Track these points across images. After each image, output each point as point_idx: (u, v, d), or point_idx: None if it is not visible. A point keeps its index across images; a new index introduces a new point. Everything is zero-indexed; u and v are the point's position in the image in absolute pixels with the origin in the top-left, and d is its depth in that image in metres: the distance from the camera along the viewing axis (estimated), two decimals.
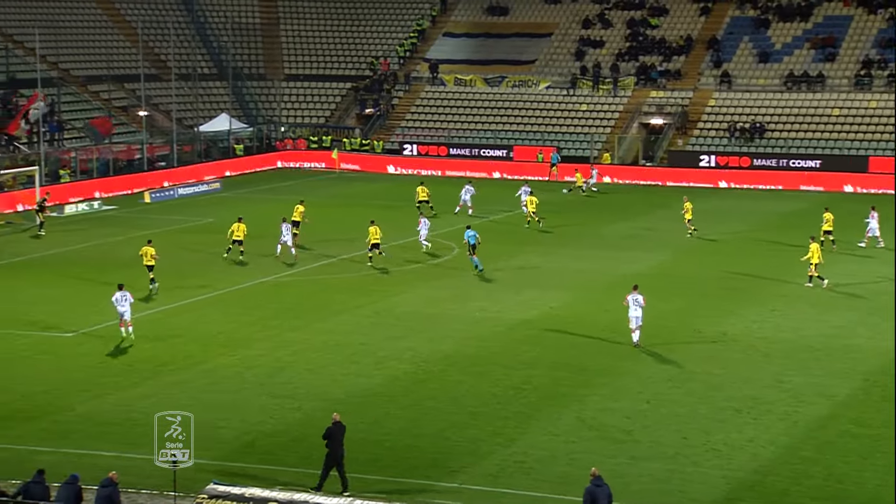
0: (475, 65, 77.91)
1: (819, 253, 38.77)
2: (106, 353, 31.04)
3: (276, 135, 75.38)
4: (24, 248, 45.38)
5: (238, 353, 31.32)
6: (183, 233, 47.87)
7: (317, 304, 36.92)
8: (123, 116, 70.89)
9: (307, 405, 26.07)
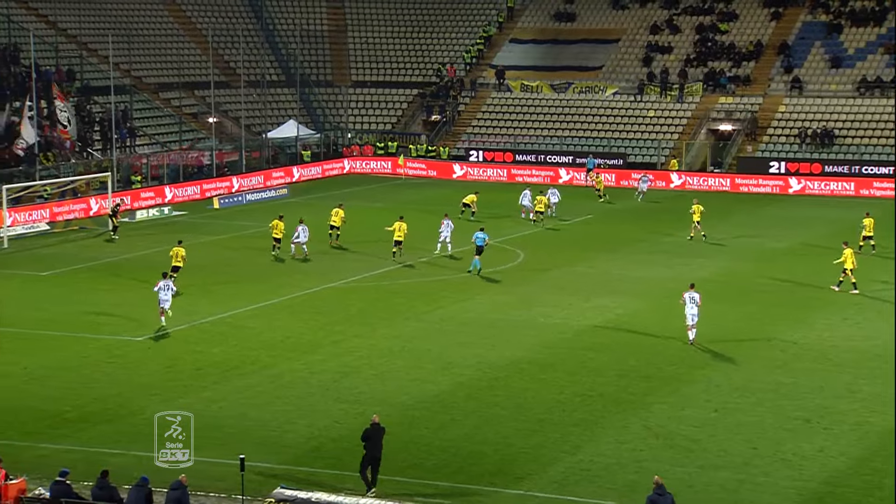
0: (542, 71, 77.75)
1: (853, 258, 38.62)
2: (175, 357, 31.38)
3: (342, 141, 75.84)
4: (97, 252, 46.09)
5: (304, 358, 31.51)
6: (251, 238, 48.32)
7: (383, 310, 37.03)
8: (193, 123, 71.81)
9: (373, 410, 26.11)
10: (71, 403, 27.18)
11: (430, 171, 70.90)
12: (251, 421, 26.32)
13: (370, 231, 49.14)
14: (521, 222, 53.03)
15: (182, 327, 34.44)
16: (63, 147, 59.18)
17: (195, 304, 37.39)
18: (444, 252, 44.84)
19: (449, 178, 69.61)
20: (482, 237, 42.28)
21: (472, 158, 71.91)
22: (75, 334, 33.54)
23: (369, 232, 49.11)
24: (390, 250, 45.41)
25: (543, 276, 42.34)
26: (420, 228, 48.65)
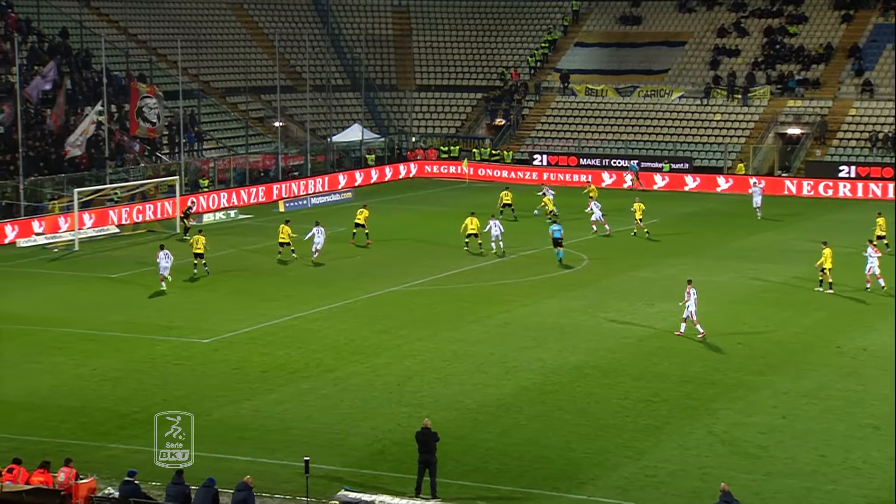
0: (607, 75, 77.38)
1: (831, 259, 38.72)
2: (241, 360, 31.74)
3: (407, 145, 76.12)
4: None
5: (368, 361, 31.68)
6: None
7: (446, 314, 37.11)
8: (260, 127, 72.55)
9: (436, 414, 26.20)
10: (140, 404, 27.61)
11: (495, 172, 70.87)
12: (316, 423, 26.54)
13: (433, 235, 49.25)
14: (585, 226, 52.80)
15: (248, 330, 34.81)
16: (132, 151, 60.08)
17: (261, 307, 37.78)
18: (499, 252, 45.10)
19: (512, 182, 69.49)
20: (559, 229, 44.05)
21: (536, 162, 71.78)
22: (144, 336, 34.06)
23: (433, 236, 49.22)
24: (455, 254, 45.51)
25: (608, 280, 42.14)
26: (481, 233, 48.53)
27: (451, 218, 52.96)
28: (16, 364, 30.88)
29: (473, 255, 44.89)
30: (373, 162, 72.06)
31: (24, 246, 48.21)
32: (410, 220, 49.83)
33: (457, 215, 52.46)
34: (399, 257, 46.29)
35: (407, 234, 50.71)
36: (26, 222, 49.86)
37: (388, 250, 47.31)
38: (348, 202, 62.22)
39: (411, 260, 45.94)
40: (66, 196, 52.01)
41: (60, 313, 36.95)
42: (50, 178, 54.00)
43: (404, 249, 48.24)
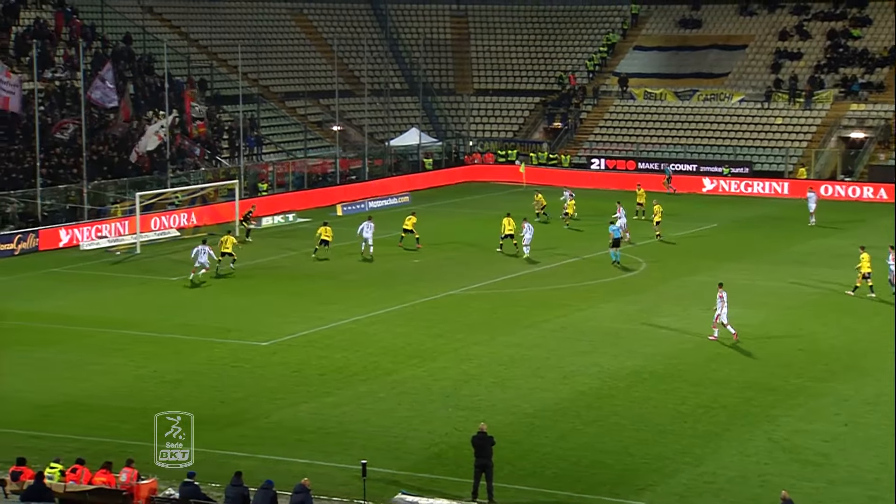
0: (666, 78, 76.86)
1: (868, 263, 38.17)
2: (300, 362, 31.94)
3: (464, 149, 76.18)
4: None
5: (425, 364, 31.74)
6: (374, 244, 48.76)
7: (503, 318, 37.07)
8: (318, 131, 73.00)
9: (493, 418, 26.17)
10: (199, 406, 27.85)
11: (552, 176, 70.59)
12: (373, 426, 26.63)
13: (490, 239, 49.23)
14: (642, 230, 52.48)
15: (306, 333, 35.03)
16: (193, 155, 60.74)
17: (319, 310, 38.01)
18: (523, 256, 45.16)
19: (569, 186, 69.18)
20: (618, 229, 44.33)
21: (594, 167, 71.45)
22: (204, 339, 34.40)
23: (489, 240, 49.21)
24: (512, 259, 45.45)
25: (665, 285, 41.83)
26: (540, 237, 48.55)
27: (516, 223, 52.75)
28: (78, 365, 31.34)
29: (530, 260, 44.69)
30: (430, 166, 72.17)
31: (87, 248, 48.96)
32: (467, 224, 49.86)
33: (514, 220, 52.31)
34: (456, 261, 46.31)
35: (464, 238, 50.72)
36: (89, 225, 50.61)
37: (444, 254, 47.34)
38: (405, 206, 62.36)
39: (468, 264, 45.94)
40: (129, 200, 52.71)
41: (121, 315, 37.45)
42: (113, 182, 54.74)
43: (461, 253, 48.23)
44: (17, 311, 37.71)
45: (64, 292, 40.83)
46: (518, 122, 79.13)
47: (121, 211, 52.73)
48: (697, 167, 68.64)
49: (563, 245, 47.71)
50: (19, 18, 62.86)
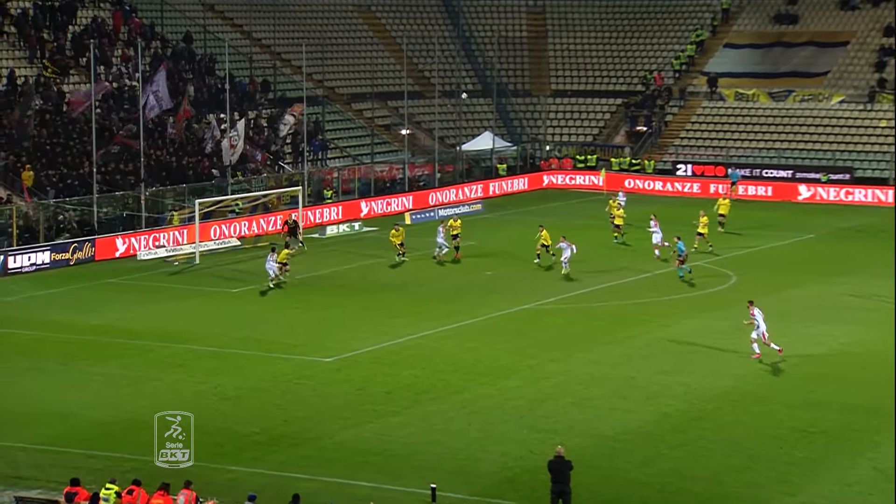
0: (759, 78, 76.08)
1: None
2: (365, 379, 32.15)
3: (540, 154, 76.11)
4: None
5: (498, 383, 31.77)
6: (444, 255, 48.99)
7: (581, 334, 36.98)
8: (386, 135, 73.44)
9: (571, 441, 26.12)
10: (260, 425, 28.21)
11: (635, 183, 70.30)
12: (443, 448, 26.72)
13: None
14: (731, 241, 52.02)
15: (372, 348, 35.24)
16: (255, 160, 61.45)
17: (386, 324, 38.24)
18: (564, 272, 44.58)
19: (653, 193, 68.89)
20: (681, 246, 44.09)
21: (680, 172, 70.96)
22: (266, 354, 34.78)
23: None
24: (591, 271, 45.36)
25: (758, 300, 41.30)
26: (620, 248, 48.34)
27: (588, 232, 52.81)
28: (138, 381, 31.89)
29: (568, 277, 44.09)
30: (504, 172, 72.21)
31: (144, 258, 49.71)
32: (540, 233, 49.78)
33: (594, 228, 52.39)
34: (530, 273, 46.29)
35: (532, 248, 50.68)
36: (147, 234, 51.42)
37: (518, 266, 47.35)
38: (478, 214, 62.49)
39: (543, 276, 45.89)
40: (188, 207, 53.45)
41: (181, 329, 38.02)
42: (171, 189, 55.52)
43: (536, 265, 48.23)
44: (77, 324, 38.47)
45: (122, 304, 41.55)
46: (598, 126, 78.85)
47: (179, 219, 53.48)
48: (793, 173, 67.84)
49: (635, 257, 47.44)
50: (76, 17, 64.15)
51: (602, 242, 52.16)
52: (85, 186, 52.69)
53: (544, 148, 76.50)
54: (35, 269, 47.02)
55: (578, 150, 75.31)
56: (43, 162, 53.46)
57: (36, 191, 51.60)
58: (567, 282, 43.90)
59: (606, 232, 52.66)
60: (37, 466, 25.48)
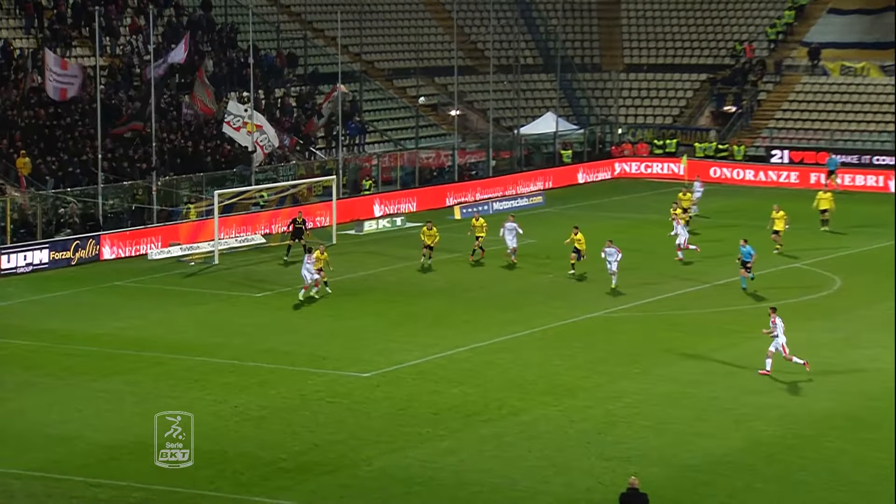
0: (870, 49, 75.45)
1: None
2: (408, 398, 32.20)
3: (611, 138, 75.91)
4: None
5: (562, 402, 31.73)
6: (499, 256, 49.00)
7: (658, 346, 36.85)
8: (433, 116, 73.54)
9: (646, 471, 26.01)
10: (288, 450, 28.34)
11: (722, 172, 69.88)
12: (498, 478, 26.72)
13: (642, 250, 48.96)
14: (834, 240, 51.56)
15: (416, 362, 35.31)
16: (283, 146, 61.70)
17: (432, 335, 38.30)
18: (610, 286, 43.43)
19: (743, 184, 68.47)
20: (748, 251, 42.89)
21: (775, 159, 70.50)
22: (294, 368, 34.93)
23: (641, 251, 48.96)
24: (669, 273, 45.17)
25: (868, 309, 41.06)
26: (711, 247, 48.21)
27: (663, 228, 52.58)
28: (148, 399, 32.10)
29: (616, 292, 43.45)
30: (569, 159, 72.09)
31: (156, 258, 50.11)
32: (614, 230, 49.53)
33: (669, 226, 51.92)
34: (599, 276, 46.13)
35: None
36: (159, 231, 51.83)
37: (584, 268, 47.19)
38: (538, 208, 62.42)
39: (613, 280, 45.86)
40: (205, 199, 53.78)
41: (197, 339, 38.28)
42: (187, 178, 55.87)
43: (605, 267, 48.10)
44: (79, 332, 38.85)
45: (130, 311, 41.90)
46: (679, 105, 78.52)
47: (195, 212, 53.81)
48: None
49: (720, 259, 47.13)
50: None
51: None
52: (88, 175, 53.15)
53: (616, 131, 76.26)
54: (31, 269, 47.57)
55: (656, 134, 75.05)
56: (41, 147, 54.00)
57: (33, 180, 52.15)
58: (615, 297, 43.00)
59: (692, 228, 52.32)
60: (32, 496, 25.73)
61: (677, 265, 47.53)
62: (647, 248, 49.67)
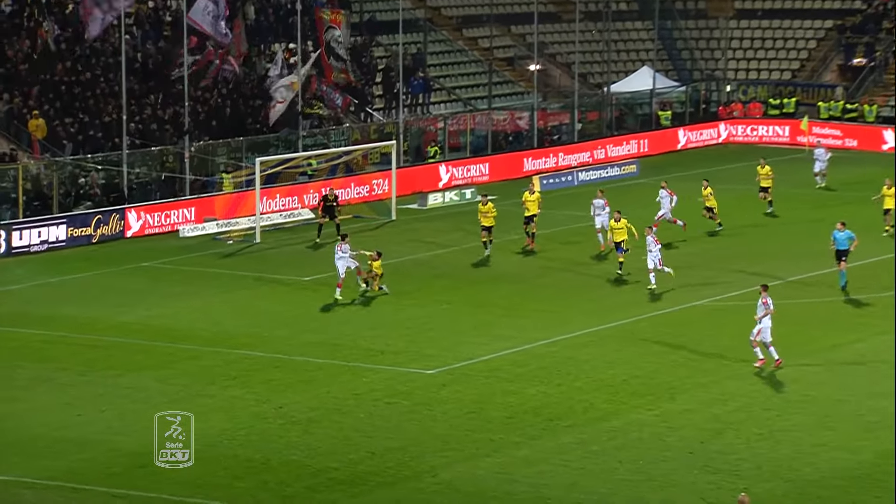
0: None
1: None
2: (479, 400, 32.23)
3: (718, 97, 75.42)
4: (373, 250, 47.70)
5: (658, 406, 31.68)
6: (585, 234, 48.87)
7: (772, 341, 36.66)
8: (508, 72, 73.38)
9: (758, 487, 25.93)
10: (340, 458, 28.48)
11: (847, 139, 69.26)
12: (583, 493, 26.74)
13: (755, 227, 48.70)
14: None
15: (488, 357, 35.36)
16: (334, 106, 61.85)
17: (506, 326, 38.40)
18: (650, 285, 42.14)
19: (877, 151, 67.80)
20: (845, 237, 41.37)
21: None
22: (347, 363, 35.08)
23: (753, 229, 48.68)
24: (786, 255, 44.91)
25: None
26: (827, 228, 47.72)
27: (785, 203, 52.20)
28: (181, 398, 32.36)
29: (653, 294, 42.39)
30: (668, 121, 71.77)
31: (188, 236, 50.47)
32: (723, 205, 49.28)
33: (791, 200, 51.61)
34: (703, 258, 45.96)
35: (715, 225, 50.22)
36: (192, 203, 52.16)
37: (687, 248, 46.97)
38: (631, 178, 62.18)
39: (720, 262, 45.67)
40: (246, 167, 54.03)
41: (236, 329, 38.55)
42: (224, 143, 56.12)
43: (710, 246, 47.86)
44: (101, 321, 39.28)
45: (159, 296, 42.27)
46: (800, 58, 77.86)
47: (233, 183, 54.05)
48: None
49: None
50: None
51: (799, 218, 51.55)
52: (112, 139, 53.49)
53: (724, 89, 75.75)
54: (47, 248, 48.11)
55: (771, 92, 74.50)
56: (57, 107, 54.43)
57: (48, 145, 52.59)
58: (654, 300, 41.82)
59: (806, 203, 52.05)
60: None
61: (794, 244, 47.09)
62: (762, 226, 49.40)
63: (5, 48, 55.27)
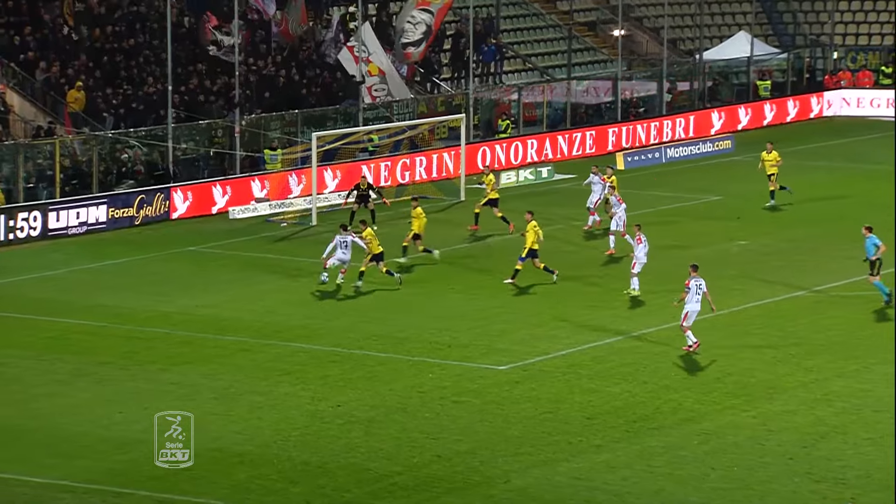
0: None
1: None
2: (556, 398, 32.26)
3: (824, 65, 74.89)
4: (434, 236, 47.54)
5: (755, 407, 31.58)
6: (672, 215, 48.69)
7: (883, 335, 36.48)
8: (590, 38, 73.15)
9: (868, 497, 25.81)
10: (404, 462, 28.55)
11: None
12: (670, 502, 26.72)
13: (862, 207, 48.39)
14: None
15: (567, 352, 35.37)
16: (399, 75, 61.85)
17: (587, 317, 38.41)
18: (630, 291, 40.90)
19: None
20: (870, 244, 39.25)
21: None
22: (411, 358, 35.19)
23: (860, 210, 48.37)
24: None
25: None
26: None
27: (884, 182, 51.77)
28: (230, 395, 32.60)
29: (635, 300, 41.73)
30: (767, 92, 71.35)
31: (238, 217, 50.69)
32: (828, 184, 49.05)
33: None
34: (808, 243, 45.76)
35: (820, 208, 49.91)
36: (243, 182, 52.38)
37: (786, 233, 46.73)
38: (726, 155, 61.87)
39: (826, 248, 45.59)
40: (301, 143, 54.17)
41: (289, 320, 38.74)
42: (278, 117, 56.27)
43: (816, 231, 47.61)
44: (143, 310, 39.58)
45: (207, 284, 42.57)
46: None
47: (286, 161, 54.14)
48: None
49: None
50: None
51: None
52: (156, 112, 53.74)
53: (830, 56, 75.22)
54: (86, 230, 48.50)
55: (884, 60, 73.88)
56: (97, 77, 54.76)
57: (88, 118, 52.90)
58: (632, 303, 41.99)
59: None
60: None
61: None
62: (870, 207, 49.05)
63: (42, 11, 55.55)
